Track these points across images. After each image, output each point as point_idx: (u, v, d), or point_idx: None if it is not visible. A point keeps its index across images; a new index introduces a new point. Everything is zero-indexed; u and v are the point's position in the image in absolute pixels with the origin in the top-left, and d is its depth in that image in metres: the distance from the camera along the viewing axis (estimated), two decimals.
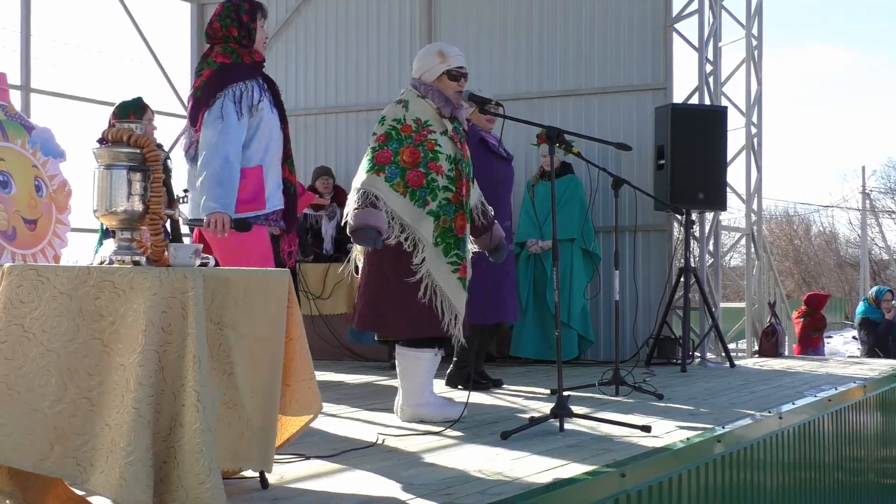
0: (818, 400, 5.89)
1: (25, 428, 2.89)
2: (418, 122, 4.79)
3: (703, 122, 8.26)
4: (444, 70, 4.87)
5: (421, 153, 4.74)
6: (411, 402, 4.82)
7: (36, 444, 2.89)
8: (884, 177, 44.89)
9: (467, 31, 9.34)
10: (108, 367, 2.92)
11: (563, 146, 4.93)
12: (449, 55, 4.90)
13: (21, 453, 2.88)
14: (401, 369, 4.86)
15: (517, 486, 3.33)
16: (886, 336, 11.05)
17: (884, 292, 11.47)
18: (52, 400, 2.91)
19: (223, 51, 4.48)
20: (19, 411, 2.90)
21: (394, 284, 4.73)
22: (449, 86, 4.87)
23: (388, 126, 4.80)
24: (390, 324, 4.80)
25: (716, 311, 8.61)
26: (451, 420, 4.70)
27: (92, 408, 2.91)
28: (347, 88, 9.85)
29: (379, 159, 4.75)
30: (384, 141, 4.78)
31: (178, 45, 11.73)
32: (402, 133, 4.77)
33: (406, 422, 4.80)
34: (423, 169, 4.74)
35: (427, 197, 4.73)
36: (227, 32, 4.50)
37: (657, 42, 8.72)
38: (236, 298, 3.11)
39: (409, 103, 4.84)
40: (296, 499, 3.19)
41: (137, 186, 3.11)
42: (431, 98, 4.85)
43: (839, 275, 40.24)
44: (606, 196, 8.34)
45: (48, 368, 2.92)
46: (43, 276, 2.97)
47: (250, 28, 4.51)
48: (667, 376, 7.14)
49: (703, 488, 4.27)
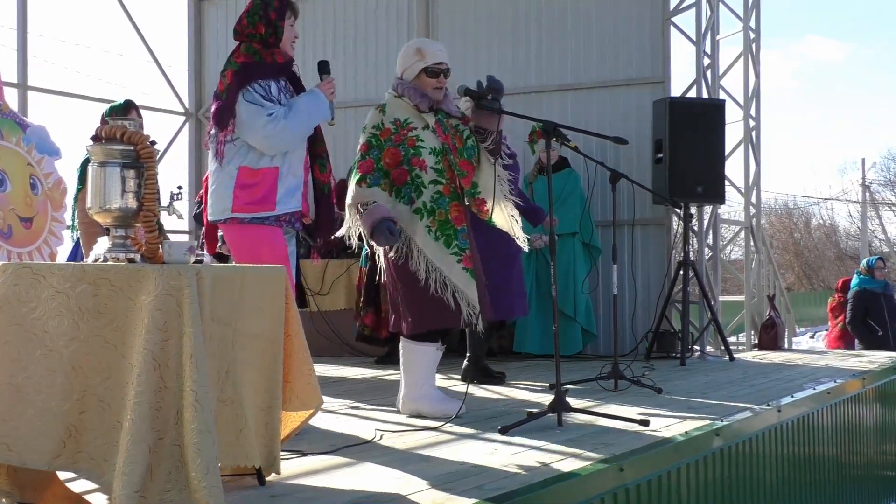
0: (817, 393, 5.89)
1: (37, 428, 2.90)
2: (397, 122, 4.83)
3: (702, 116, 8.26)
4: (423, 67, 4.88)
5: (402, 152, 4.78)
6: (412, 395, 4.85)
7: (48, 444, 2.90)
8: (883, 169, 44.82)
9: (465, 27, 9.33)
10: (113, 364, 2.92)
11: (560, 141, 4.91)
12: (426, 52, 4.90)
13: (35, 453, 2.90)
14: (403, 362, 4.89)
15: (516, 481, 3.32)
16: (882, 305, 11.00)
17: (875, 260, 11.49)
18: (59, 399, 2.91)
19: (245, 50, 4.46)
20: (30, 413, 2.91)
21: (402, 280, 4.77)
22: (427, 83, 4.88)
23: (368, 134, 4.85)
24: (403, 321, 4.84)
25: (715, 304, 8.61)
26: (447, 416, 4.71)
27: (101, 403, 2.92)
28: (346, 84, 9.84)
29: (362, 169, 4.79)
30: (366, 150, 4.83)
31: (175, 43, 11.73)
32: (381, 138, 4.81)
33: (406, 414, 4.82)
34: (405, 167, 4.76)
35: (412, 194, 4.75)
36: (254, 30, 4.47)
37: (655, 36, 8.71)
38: (233, 295, 3.10)
39: (385, 106, 4.89)
40: (293, 495, 3.18)
41: (132, 183, 3.10)
42: (408, 96, 4.87)
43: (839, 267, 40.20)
44: (605, 190, 8.34)
45: (53, 368, 2.92)
46: (39, 274, 2.97)
47: (277, 26, 4.47)
48: (666, 370, 7.14)
49: (703, 482, 4.26)
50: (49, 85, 9.39)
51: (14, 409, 2.90)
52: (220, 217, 4.44)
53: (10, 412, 2.90)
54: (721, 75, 9.19)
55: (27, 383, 2.92)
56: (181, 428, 2.84)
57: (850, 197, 42.10)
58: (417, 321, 4.78)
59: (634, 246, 8.63)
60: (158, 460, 2.85)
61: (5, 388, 2.91)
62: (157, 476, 2.83)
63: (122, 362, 2.91)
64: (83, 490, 3.21)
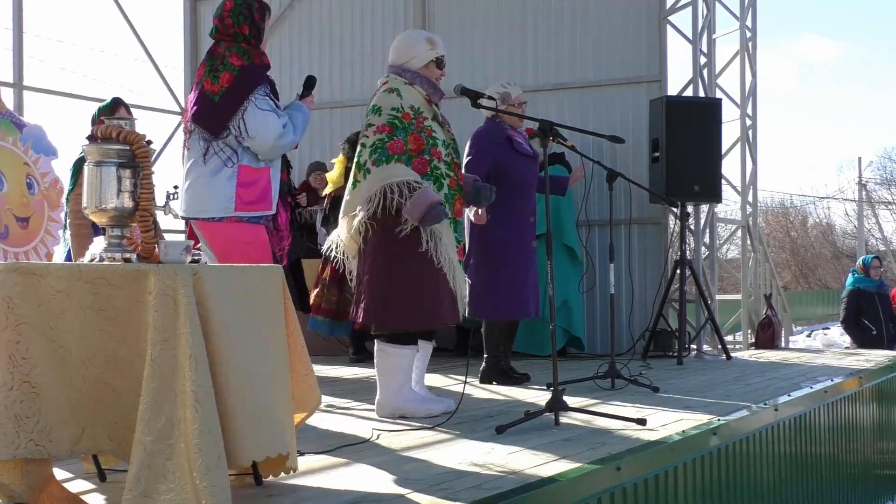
0: (814, 392, 5.88)
1: (56, 420, 2.96)
2: (413, 109, 4.74)
3: (698, 115, 8.26)
4: (434, 58, 4.85)
5: (424, 140, 4.69)
6: (391, 399, 4.78)
7: (67, 432, 2.98)
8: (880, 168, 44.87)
9: (461, 25, 9.33)
10: (120, 355, 2.95)
11: (556, 140, 4.91)
12: (436, 42, 4.90)
13: (56, 444, 2.97)
14: (380, 366, 4.80)
15: (512, 481, 3.32)
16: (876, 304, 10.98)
17: (871, 259, 11.49)
18: (73, 390, 2.97)
19: (237, 52, 4.45)
20: (46, 407, 2.96)
21: (403, 276, 4.66)
22: (434, 73, 4.86)
23: (388, 115, 4.68)
24: (397, 316, 4.71)
25: (712, 303, 8.61)
26: (431, 415, 4.71)
27: (113, 391, 2.97)
28: (342, 84, 9.84)
29: (393, 149, 4.63)
30: (391, 131, 4.65)
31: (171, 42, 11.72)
32: (403, 121, 4.68)
33: (385, 418, 4.75)
34: (427, 156, 4.68)
35: (433, 186, 4.70)
36: (238, 30, 4.47)
37: (651, 35, 8.71)
38: (233, 294, 3.09)
39: (400, 91, 4.75)
40: (290, 495, 3.18)
41: (127, 183, 3.10)
42: (420, 85, 4.81)
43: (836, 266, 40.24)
44: (602, 189, 8.33)
45: (63, 363, 2.96)
46: (36, 274, 2.97)
47: (260, 27, 4.49)
48: (663, 369, 7.14)
49: (699, 481, 4.26)
50: (45, 85, 9.39)
51: (34, 405, 2.95)
52: (215, 215, 4.42)
53: (30, 409, 2.94)
54: (717, 74, 9.19)
55: (40, 380, 2.96)
56: (182, 427, 2.84)
57: (847, 196, 42.15)
58: (413, 318, 4.71)
59: (631, 245, 8.63)
60: (161, 459, 2.85)
61: (24, 387, 2.94)
62: (160, 474, 2.83)
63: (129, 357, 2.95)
64: (80, 490, 3.21)
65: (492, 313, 6.07)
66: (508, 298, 6.01)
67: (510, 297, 6.02)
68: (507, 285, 6.00)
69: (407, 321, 4.72)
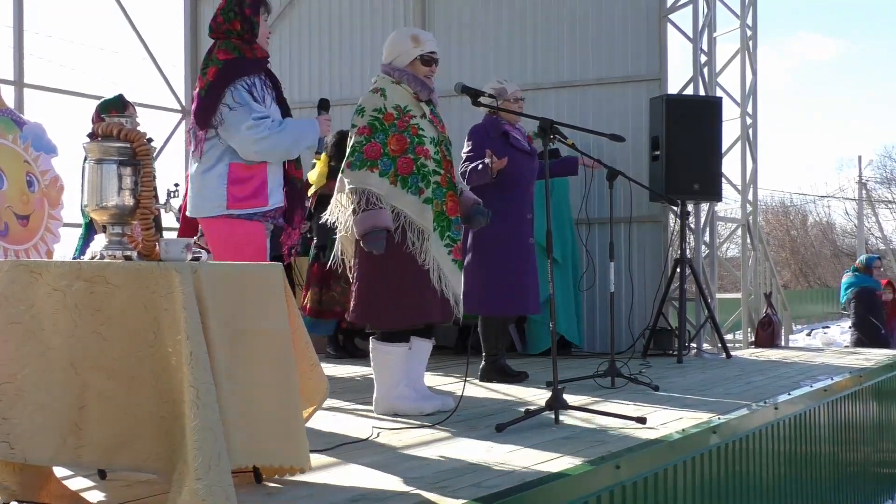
0: (814, 390, 5.89)
1: (38, 425, 2.90)
2: (398, 108, 4.77)
3: (698, 113, 8.26)
4: (418, 55, 4.85)
5: (407, 139, 4.72)
6: (386, 396, 4.83)
7: (49, 440, 2.90)
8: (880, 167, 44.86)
9: (461, 23, 9.32)
10: (113, 359, 2.91)
11: (556, 138, 4.91)
12: (422, 40, 4.89)
13: (37, 450, 2.89)
14: (375, 364, 4.87)
15: (512, 479, 3.32)
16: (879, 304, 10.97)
17: (874, 259, 11.46)
18: (57, 395, 2.91)
19: (225, 47, 4.45)
20: (30, 410, 2.90)
21: (388, 275, 4.71)
22: (420, 70, 4.85)
23: (369, 117, 4.74)
24: (383, 315, 4.78)
25: (712, 301, 8.61)
26: (424, 413, 4.73)
27: (101, 397, 2.91)
28: (342, 82, 9.83)
29: (369, 153, 4.70)
30: (370, 133, 4.72)
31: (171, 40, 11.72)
32: (385, 123, 4.72)
33: (381, 415, 4.80)
34: (411, 155, 4.71)
35: (420, 184, 4.71)
36: (230, 27, 4.47)
37: (651, 33, 8.71)
38: (234, 293, 3.09)
39: (385, 91, 4.79)
40: (289, 493, 3.18)
41: (128, 181, 3.10)
42: (407, 83, 4.82)
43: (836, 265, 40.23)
44: (602, 188, 8.33)
45: (51, 365, 2.92)
46: (35, 272, 2.96)
47: (253, 22, 4.48)
48: (663, 367, 7.15)
49: (699, 480, 4.26)
50: (45, 82, 9.38)
51: (14, 408, 2.90)
52: (209, 213, 4.41)
53: (11, 410, 2.89)
54: (718, 73, 9.18)
55: (26, 381, 2.91)
56: (182, 426, 2.83)
57: (847, 194, 42.16)
58: (399, 317, 4.73)
59: (631, 243, 8.62)
60: (161, 458, 2.85)
61: (6, 388, 2.91)
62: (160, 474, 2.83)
63: (121, 358, 2.90)
64: (80, 488, 3.21)
65: (488, 309, 6.07)
66: (505, 294, 6.00)
67: (507, 293, 6.01)
68: (504, 281, 6.00)
69: (391, 320, 4.77)
